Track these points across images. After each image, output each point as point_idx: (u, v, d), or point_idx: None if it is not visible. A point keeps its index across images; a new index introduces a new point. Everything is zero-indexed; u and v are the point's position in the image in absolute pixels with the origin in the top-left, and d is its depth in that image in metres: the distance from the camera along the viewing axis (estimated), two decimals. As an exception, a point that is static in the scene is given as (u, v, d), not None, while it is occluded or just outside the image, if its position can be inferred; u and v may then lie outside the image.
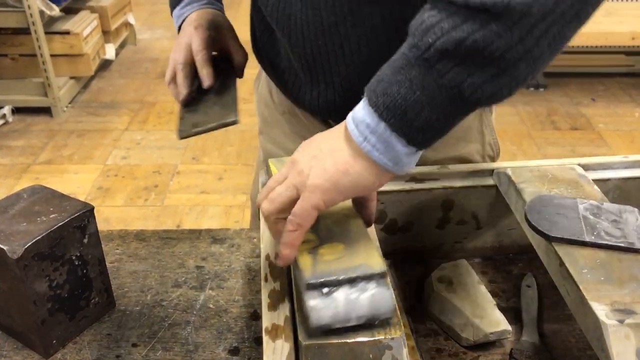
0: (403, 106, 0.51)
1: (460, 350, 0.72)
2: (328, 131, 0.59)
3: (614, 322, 0.54)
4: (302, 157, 0.57)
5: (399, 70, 0.51)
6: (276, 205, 0.56)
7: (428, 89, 0.50)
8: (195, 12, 0.93)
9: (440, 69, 0.50)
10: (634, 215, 0.67)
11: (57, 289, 0.71)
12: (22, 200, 0.73)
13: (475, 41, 0.48)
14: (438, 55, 0.49)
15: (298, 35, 0.79)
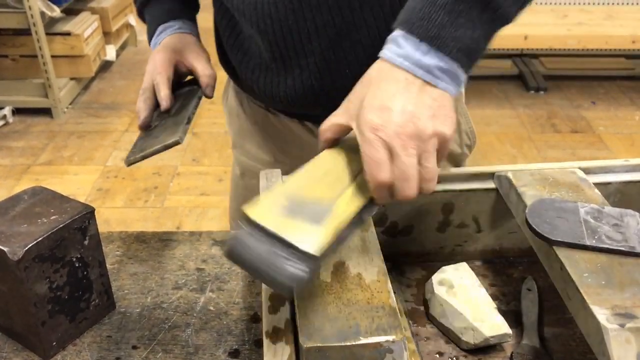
0: (471, 46, 0.58)
1: (460, 354, 0.72)
2: (393, 79, 0.58)
3: (615, 326, 0.54)
4: (411, 122, 0.56)
5: (458, 15, 0.56)
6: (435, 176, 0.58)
7: (486, 25, 0.58)
8: (165, 38, 0.93)
9: (496, 4, 0.57)
10: (635, 219, 0.67)
11: (57, 290, 0.71)
12: (22, 202, 0.73)
13: None
14: None
15: (266, 19, 0.79)
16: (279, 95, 0.87)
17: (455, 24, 0.57)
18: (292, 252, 0.52)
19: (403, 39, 0.58)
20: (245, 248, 0.53)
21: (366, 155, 0.57)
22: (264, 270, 0.52)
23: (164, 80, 0.88)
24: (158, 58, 0.89)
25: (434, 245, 0.84)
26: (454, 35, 0.57)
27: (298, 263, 0.52)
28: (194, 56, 0.91)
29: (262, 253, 0.52)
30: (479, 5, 0.57)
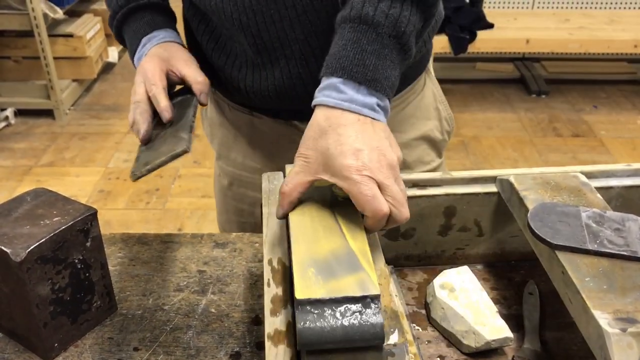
0: (395, 82, 0.68)
1: (462, 357, 0.72)
2: (344, 121, 0.64)
3: (617, 330, 0.54)
4: (368, 159, 0.61)
5: (386, 59, 0.66)
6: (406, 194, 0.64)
7: (401, 63, 0.68)
8: (151, 49, 0.89)
9: (409, 46, 0.68)
10: (637, 223, 0.67)
11: (59, 292, 0.71)
12: (25, 203, 0.73)
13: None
14: (411, 34, 0.67)
15: (248, 12, 0.80)
16: (267, 90, 0.87)
17: (384, 66, 0.65)
18: (361, 305, 0.53)
19: (342, 85, 0.65)
20: (317, 330, 0.52)
21: (362, 194, 0.60)
22: (349, 339, 0.52)
23: (161, 90, 0.83)
24: (149, 68, 0.85)
25: (435, 249, 0.84)
26: (385, 76, 0.66)
27: (371, 310, 0.53)
28: (183, 64, 0.87)
29: (336, 323, 0.52)
30: (397, 49, 0.67)
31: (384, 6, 0.66)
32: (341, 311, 0.52)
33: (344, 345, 0.52)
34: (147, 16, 0.90)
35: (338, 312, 0.52)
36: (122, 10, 0.91)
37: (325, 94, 0.65)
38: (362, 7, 0.66)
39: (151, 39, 0.89)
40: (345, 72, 0.65)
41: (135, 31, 0.91)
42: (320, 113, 0.65)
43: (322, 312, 0.52)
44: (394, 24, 0.66)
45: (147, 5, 0.90)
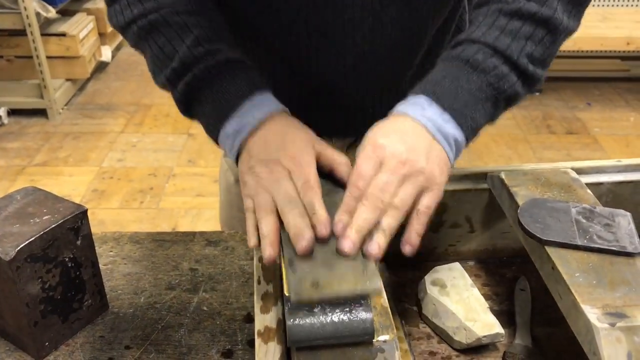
0: (480, 127, 0.67)
1: (453, 354, 0.72)
2: (405, 125, 0.63)
3: (606, 325, 0.54)
4: (410, 153, 0.59)
5: (479, 102, 0.65)
6: (408, 203, 0.59)
7: (490, 115, 0.67)
8: (272, 118, 0.65)
9: (510, 101, 0.68)
10: (627, 219, 0.67)
11: (49, 291, 0.70)
12: (15, 202, 0.73)
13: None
14: (508, 98, 0.68)
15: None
16: (317, 66, 0.81)
17: (474, 107, 0.65)
18: (348, 301, 0.53)
19: (427, 105, 0.64)
20: (307, 326, 0.52)
21: (356, 166, 0.59)
22: (339, 335, 0.52)
23: (320, 196, 0.59)
24: (299, 153, 0.61)
25: (427, 246, 0.84)
26: (471, 115, 0.65)
27: (360, 306, 0.53)
28: (321, 143, 0.65)
29: (326, 319, 0.52)
30: (491, 100, 0.66)
31: (496, 61, 0.66)
32: (331, 308, 0.52)
33: (333, 341, 0.52)
34: (241, 74, 0.69)
35: (328, 308, 0.52)
36: (203, 61, 0.68)
37: (405, 107, 0.64)
38: (475, 53, 0.66)
39: (257, 106, 0.66)
40: (434, 95, 0.64)
41: (229, 90, 0.67)
42: (398, 118, 0.63)
43: (312, 308, 0.52)
44: (499, 78, 0.66)
45: (237, 60, 0.70)
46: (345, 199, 0.58)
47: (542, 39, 0.68)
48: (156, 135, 3.01)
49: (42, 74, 3.02)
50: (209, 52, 0.68)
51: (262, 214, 0.59)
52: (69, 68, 3.23)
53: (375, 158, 0.59)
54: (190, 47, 0.68)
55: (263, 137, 0.64)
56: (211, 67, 0.68)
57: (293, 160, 0.61)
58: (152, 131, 3.05)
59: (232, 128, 0.66)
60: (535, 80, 0.69)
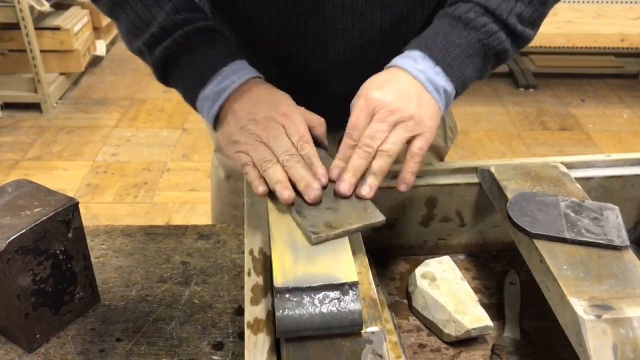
0: (470, 81, 0.71)
1: (442, 346, 0.72)
2: (399, 76, 0.67)
3: (592, 317, 0.55)
4: (400, 102, 0.64)
5: (469, 57, 0.70)
6: (398, 147, 0.64)
7: (480, 70, 0.72)
8: (252, 83, 0.69)
9: (499, 58, 0.73)
10: (615, 213, 0.68)
11: (41, 283, 0.71)
12: (6, 194, 0.73)
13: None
14: (497, 55, 0.73)
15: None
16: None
17: (464, 62, 0.70)
18: (339, 292, 0.53)
19: (420, 59, 0.68)
20: (296, 317, 0.52)
21: (350, 118, 0.64)
22: (328, 326, 0.53)
23: (313, 146, 0.65)
24: (291, 112, 0.66)
25: (417, 239, 0.85)
26: (461, 69, 0.70)
27: (349, 297, 0.53)
28: (298, 106, 0.70)
29: (315, 310, 0.53)
30: (480, 56, 0.71)
31: (486, 19, 0.71)
32: (320, 298, 0.53)
33: (322, 332, 0.53)
34: (219, 40, 0.72)
35: (317, 300, 0.53)
36: (183, 27, 0.70)
37: (400, 60, 0.69)
38: (466, 11, 0.71)
39: (236, 72, 0.70)
40: (427, 49, 0.68)
41: (207, 56, 0.70)
42: (392, 70, 0.68)
43: (301, 299, 0.53)
44: (488, 35, 0.71)
45: (215, 29, 0.73)
46: (341, 148, 0.65)
47: (531, 0, 0.73)
48: (150, 130, 3.00)
49: (36, 67, 3.01)
50: (187, 20, 0.71)
51: (267, 164, 0.63)
52: (63, 62, 3.22)
53: (367, 109, 0.64)
54: (169, 13, 0.70)
55: (250, 99, 0.67)
56: (191, 33, 0.71)
57: (285, 117, 0.66)
58: (146, 126, 3.04)
59: (211, 90, 0.69)
60: (524, 40, 0.74)
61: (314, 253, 0.57)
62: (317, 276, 0.54)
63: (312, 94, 0.86)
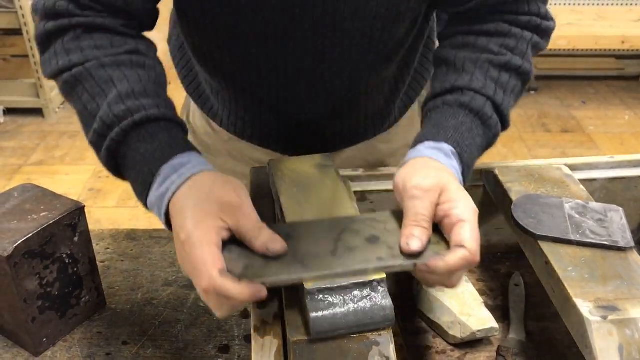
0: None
1: (448, 348, 0.72)
2: (437, 167, 0.64)
3: (598, 318, 0.55)
4: (454, 187, 0.61)
5: (480, 154, 0.71)
6: None
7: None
8: (183, 189, 0.59)
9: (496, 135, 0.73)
10: (619, 214, 0.68)
11: (47, 287, 0.71)
12: (12, 199, 0.73)
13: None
14: (499, 131, 0.73)
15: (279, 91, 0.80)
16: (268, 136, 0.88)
17: (476, 159, 0.70)
18: (369, 289, 0.54)
19: (452, 154, 0.67)
20: (330, 317, 0.52)
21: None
22: (361, 323, 0.53)
23: (227, 280, 0.54)
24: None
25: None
26: (471, 170, 0.70)
27: (379, 293, 0.54)
28: (240, 214, 0.58)
29: (348, 309, 0.53)
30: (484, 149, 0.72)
31: (496, 117, 0.71)
32: (351, 297, 0.53)
33: (355, 330, 0.53)
34: (161, 133, 0.63)
35: (348, 298, 0.53)
36: (121, 122, 0.62)
37: (436, 153, 0.66)
38: (483, 106, 0.70)
39: (177, 168, 0.61)
40: (459, 147, 0.67)
41: (147, 154, 0.62)
42: (427, 161, 0.65)
43: (333, 299, 0.53)
44: (495, 133, 0.72)
45: (158, 117, 0.64)
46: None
47: (520, 91, 0.75)
48: (152, 134, 3.01)
49: (38, 73, 3.01)
50: (128, 110, 0.63)
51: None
52: (65, 67, 3.22)
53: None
54: (110, 104, 0.63)
55: (188, 204, 0.58)
56: (128, 128, 0.62)
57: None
58: (149, 130, 3.05)
59: (154, 196, 0.61)
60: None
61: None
62: (346, 275, 0.54)
63: (301, 137, 0.88)
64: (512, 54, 0.73)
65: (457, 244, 0.56)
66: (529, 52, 0.74)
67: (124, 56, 0.67)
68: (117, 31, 0.68)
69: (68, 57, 0.66)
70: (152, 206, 0.62)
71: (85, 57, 0.65)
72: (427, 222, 0.58)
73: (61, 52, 0.66)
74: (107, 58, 0.65)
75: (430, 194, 0.59)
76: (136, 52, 0.68)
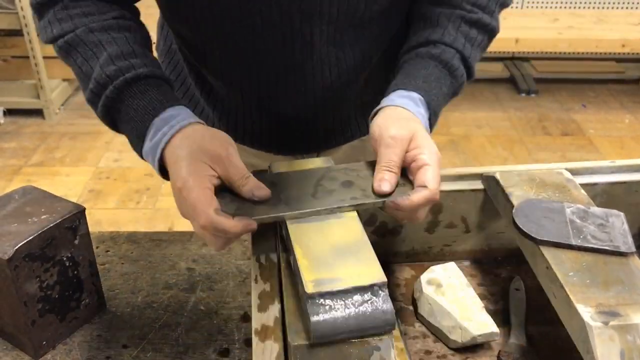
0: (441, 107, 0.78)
1: (448, 353, 0.72)
2: (410, 118, 0.70)
3: (599, 324, 0.55)
4: (421, 136, 0.67)
5: (446, 101, 0.78)
6: None
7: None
8: (174, 140, 0.65)
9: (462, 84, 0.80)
10: (620, 219, 0.68)
11: (47, 290, 0.71)
12: (13, 201, 0.73)
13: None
14: (465, 81, 0.80)
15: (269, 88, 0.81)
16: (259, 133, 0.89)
17: (442, 106, 0.78)
18: (370, 293, 0.54)
19: (420, 102, 0.73)
20: (331, 322, 0.52)
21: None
22: (362, 327, 0.53)
23: (221, 222, 0.61)
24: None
25: (422, 245, 0.85)
26: (438, 115, 0.77)
27: (380, 297, 0.54)
28: (226, 162, 0.64)
29: (348, 313, 0.53)
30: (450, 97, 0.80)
31: (463, 68, 0.78)
32: (352, 301, 0.53)
33: (356, 334, 0.53)
34: (151, 89, 0.68)
35: (349, 302, 0.53)
36: (114, 81, 0.67)
37: (405, 101, 0.73)
38: (451, 58, 0.77)
39: (168, 121, 0.66)
40: (427, 95, 0.74)
41: (139, 109, 0.67)
42: (396, 110, 0.71)
43: (334, 303, 0.53)
44: (461, 82, 0.79)
45: (147, 75, 0.69)
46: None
47: (486, 46, 0.83)
48: (153, 136, 3.01)
49: (39, 74, 3.02)
50: (119, 70, 0.68)
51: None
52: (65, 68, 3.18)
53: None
54: (102, 65, 0.68)
55: (182, 152, 0.63)
56: (121, 86, 0.67)
57: (192, 203, 0.62)
58: (149, 131, 3.05)
59: (148, 146, 0.67)
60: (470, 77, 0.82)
61: (338, 258, 0.57)
62: (347, 279, 0.54)
63: (292, 134, 0.89)
64: (482, 12, 0.80)
65: (421, 184, 0.64)
66: (496, 10, 0.82)
67: (111, 21, 0.72)
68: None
69: (60, 26, 0.71)
70: (147, 155, 0.68)
71: (74, 24, 0.71)
72: (397, 167, 0.65)
73: (53, 21, 0.72)
74: (95, 24, 0.71)
75: (402, 143, 0.66)
76: (122, 17, 0.73)
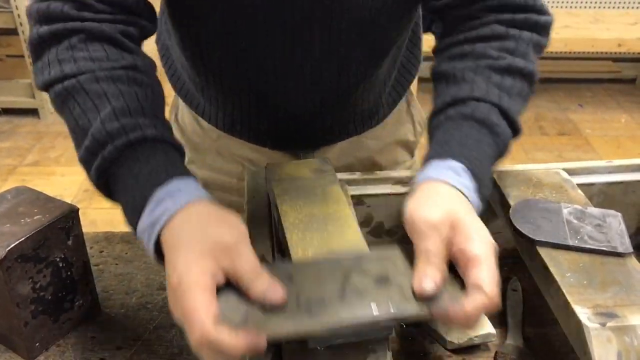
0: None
1: (445, 354, 0.72)
2: (445, 193, 0.60)
3: (596, 325, 0.54)
4: (465, 218, 0.57)
5: (493, 165, 0.67)
6: None
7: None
8: (198, 204, 0.55)
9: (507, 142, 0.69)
10: (617, 219, 0.68)
11: (40, 291, 0.70)
12: (6, 202, 0.72)
13: None
14: (510, 138, 0.70)
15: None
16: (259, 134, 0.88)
17: (490, 172, 0.66)
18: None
19: (462, 171, 0.62)
20: None
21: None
22: (359, 332, 0.52)
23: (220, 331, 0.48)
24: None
25: (419, 246, 0.84)
26: (488, 183, 0.65)
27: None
28: (239, 258, 0.53)
29: None
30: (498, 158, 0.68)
31: (504, 123, 0.68)
32: None
33: (353, 339, 0.52)
34: (158, 155, 0.59)
35: None
36: (115, 140, 0.59)
37: (443, 173, 0.61)
38: (488, 113, 0.66)
39: (172, 194, 0.56)
40: (468, 162, 0.62)
41: (140, 177, 0.58)
42: (438, 184, 0.61)
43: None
44: (505, 140, 0.68)
45: (155, 138, 0.60)
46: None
47: (528, 93, 0.71)
48: (149, 135, 3.00)
49: (34, 73, 3.01)
50: (123, 128, 0.59)
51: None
52: (61, 67, 3.21)
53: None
54: (103, 121, 0.59)
55: (187, 233, 0.53)
56: (122, 147, 0.59)
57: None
58: (145, 131, 3.04)
59: (144, 222, 0.56)
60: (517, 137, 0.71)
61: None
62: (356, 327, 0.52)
63: (289, 131, 0.88)
64: (512, 56, 0.69)
65: (474, 286, 0.52)
66: (530, 52, 0.71)
67: (120, 71, 0.63)
68: (115, 41, 0.65)
69: (60, 68, 0.62)
70: (142, 233, 0.57)
71: (78, 68, 0.62)
72: (439, 260, 0.54)
73: (54, 61, 0.63)
74: (102, 72, 0.62)
75: (439, 229, 0.55)
76: (133, 68, 0.65)
